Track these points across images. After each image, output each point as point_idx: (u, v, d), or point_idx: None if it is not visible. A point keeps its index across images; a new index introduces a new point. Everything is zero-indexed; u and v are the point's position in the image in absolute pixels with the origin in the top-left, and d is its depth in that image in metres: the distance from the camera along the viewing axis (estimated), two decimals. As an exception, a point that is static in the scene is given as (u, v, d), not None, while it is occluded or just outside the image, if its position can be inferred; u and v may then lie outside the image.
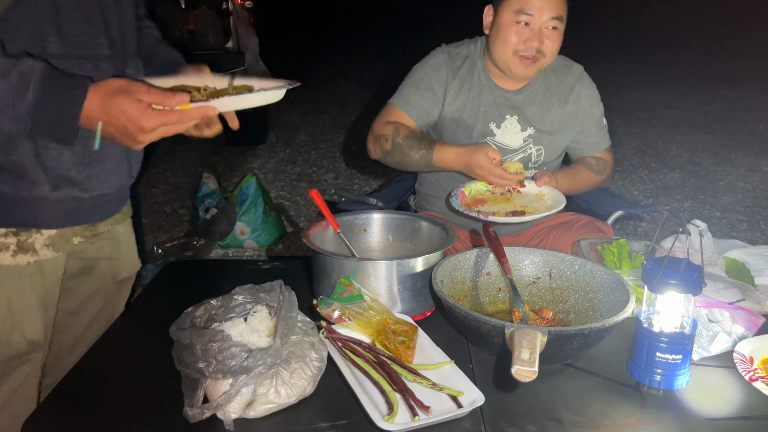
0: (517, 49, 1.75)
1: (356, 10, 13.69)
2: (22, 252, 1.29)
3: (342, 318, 1.23)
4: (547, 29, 1.75)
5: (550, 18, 1.73)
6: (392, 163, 1.84)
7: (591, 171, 1.93)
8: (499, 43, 1.78)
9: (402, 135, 1.78)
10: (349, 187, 4.60)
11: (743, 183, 4.54)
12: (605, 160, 1.98)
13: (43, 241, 1.32)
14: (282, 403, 1.05)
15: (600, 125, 1.96)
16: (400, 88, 1.91)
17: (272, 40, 7.35)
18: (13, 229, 1.27)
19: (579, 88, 1.91)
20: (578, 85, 1.92)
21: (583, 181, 1.92)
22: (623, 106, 6.52)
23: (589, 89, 1.94)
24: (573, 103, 1.91)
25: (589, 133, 1.94)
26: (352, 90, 7.38)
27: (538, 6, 1.72)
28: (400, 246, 1.57)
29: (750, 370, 1.15)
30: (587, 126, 1.93)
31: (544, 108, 1.88)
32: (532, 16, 1.72)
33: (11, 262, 1.28)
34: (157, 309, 1.42)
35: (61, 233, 1.34)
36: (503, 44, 1.77)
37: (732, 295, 1.33)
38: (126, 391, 1.13)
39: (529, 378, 0.96)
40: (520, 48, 1.75)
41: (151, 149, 5.08)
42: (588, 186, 1.95)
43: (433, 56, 1.90)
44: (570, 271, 1.39)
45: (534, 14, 1.72)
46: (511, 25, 1.75)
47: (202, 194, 3.67)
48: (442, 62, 1.87)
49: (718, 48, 9.68)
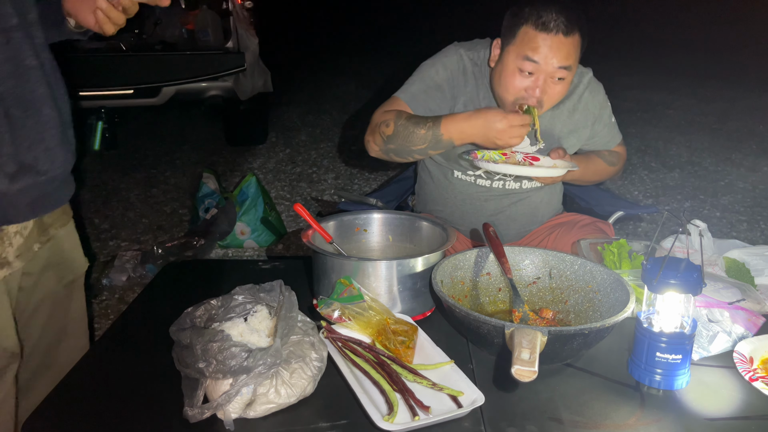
0: (516, 97, 1.66)
1: (356, 10, 13.68)
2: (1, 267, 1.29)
3: (342, 318, 1.23)
4: (553, 80, 1.63)
5: (557, 68, 1.60)
6: (394, 151, 1.71)
7: (604, 161, 1.90)
8: (501, 87, 1.68)
9: (404, 117, 1.69)
10: (349, 187, 4.60)
11: (743, 183, 4.54)
12: (618, 153, 1.96)
13: (13, 252, 1.31)
14: (282, 403, 1.05)
15: (610, 125, 1.93)
16: (407, 83, 1.80)
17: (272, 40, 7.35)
18: None
19: (588, 96, 1.84)
20: (587, 93, 1.83)
21: (596, 169, 1.89)
22: (623, 106, 6.51)
23: (598, 94, 1.86)
24: (582, 111, 1.83)
25: (600, 135, 1.92)
26: (352, 90, 7.37)
27: (545, 54, 1.58)
28: (400, 246, 1.57)
29: (750, 370, 1.15)
30: (598, 130, 1.90)
31: (554, 123, 1.81)
32: (538, 63, 1.60)
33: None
34: (157, 309, 1.42)
35: (26, 242, 1.34)
36: (505, 90, 1.67)
37: (732, 295, 1.33)
38: (126, 391, 1.13)
39: (529, 378, 0.96)
40: (519, 96, 1.65)
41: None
42: (600, 175, 1.92)
43: (446, 55, 1.80)
44: (570, 271, 1.39)
45: (540, 62, 1.59)
46: (514, 73, 1.63)
47: (202, 194, 3.67)
48: (456, 63, 1.78)
49: (718, 47, 9.68)
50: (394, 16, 12.84)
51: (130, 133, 5.69)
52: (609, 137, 1.94)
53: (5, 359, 1.34)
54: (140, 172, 4.89)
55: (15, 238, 1.31)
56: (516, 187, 1.86)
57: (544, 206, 1.95)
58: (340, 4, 13.97)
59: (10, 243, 1.30)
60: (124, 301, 3.08)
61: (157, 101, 4.82)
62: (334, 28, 12.43)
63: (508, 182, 1.85)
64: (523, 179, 1.84)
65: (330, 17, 13.45)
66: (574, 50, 1.62)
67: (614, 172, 1.95)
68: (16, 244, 1.31)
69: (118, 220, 4.07)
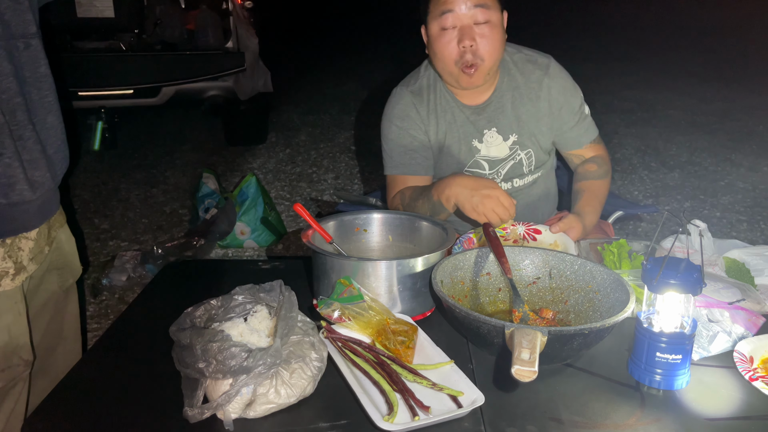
0: (456, 60, 1.65)
1: (356, 10, 13.68)
2: (18, 273, 1.30)
3: (342, 318, 1.23)
4: (478, 25, 1.63)
5: (473, 6, 1.61)
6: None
7: (599, 179, 1.83)
8: (438, 60, 1.70)
9: (407, 196, 1.75)
10: (349, 187, 4.60)
11: (743, 183, 4.54)
12: (601, 157, 1.87)
13: (27, 255, 1.32)
14: (282, 403, 1.05)
15: (581, 115, 1.84)
16: (386, 155, 1.84)
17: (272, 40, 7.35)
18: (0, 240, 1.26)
19: (548, 82, 1.78)
20: (547, 79, 1.78)
21: (601, 196, 1.81)
22: (623, 106, 6.52)
23: (561, 80, 1.80)
24: (545, 99, 1.79)
25: (569, 126, 1.83)
26: (352, 90, 7.37)
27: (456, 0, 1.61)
28: (400, 246, 1.57)
29: (750, 369, 1.15)
30: (566, 119, 1.82)
31: (518, 111, 1.79)
32: (453, 11, 1.61)
33: (12, 286, 1.28)
34: (157, 309, 1.42)
35: (37, 245, 1.35)
36: (441, 59, 1.68)
37: (732, 295, 1.33)
38: (126, 391, 1.13)
39: (529, 378, 0.96)
40: (456, 57, 1.65)
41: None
42: (606, 195, 1.85)
43: (395, 105, 1.82)
44: (570, 271, 1.39)
45: (454, 9, 1.61)
46: (439, 35, 1.65)
47: (202, 194, 3.67)
48: (409, 106, 1.80)
49: (718, 48, 9.68)
50: (394, 16, 12.85)
51: (130, 133, 5.70)
52: (582, 130, 1.85)
53: (22, 367, 1.35)
54: (140, 172, 4.90)
55: (26, 242, 1.32)
56: (508, 187, 1.87)
57: (541, 203, 1.96)
58: (340, 4, 13.97)
59: (20, 248, 1.30)
60: (124, 301, 3.08)
61: (157, 101, 4.83)
62: (334, 28, 12.43)
63: (498, 184, 1.85)
64: (514, 179, 1.86)
65: (330, 17, 13.45)
66: None
67: (610, 180, 1.88)
68: (27, 248, 1.32)
69: (117, 220, 4.07)
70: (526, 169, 1.86)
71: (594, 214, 1.75)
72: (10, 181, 1.22)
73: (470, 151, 1.82)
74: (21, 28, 1.22)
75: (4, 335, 1.29)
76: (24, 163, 1.23)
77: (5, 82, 1.19)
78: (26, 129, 1.23)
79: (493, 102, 1.79)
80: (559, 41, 7.21)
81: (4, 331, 1.29)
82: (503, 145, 1.82)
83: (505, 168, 1.84)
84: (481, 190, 1.54)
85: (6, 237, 1.26)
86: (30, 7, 1.24)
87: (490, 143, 1.81)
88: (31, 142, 1.24)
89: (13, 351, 1.32)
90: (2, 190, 1.21)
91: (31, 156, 1.25)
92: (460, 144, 1.81)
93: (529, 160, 1.85)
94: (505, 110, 1.79)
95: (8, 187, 1.22)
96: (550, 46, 1.96)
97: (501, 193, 1.53)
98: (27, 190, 1.25)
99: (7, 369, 1.31)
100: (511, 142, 1.81)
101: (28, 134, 1.23)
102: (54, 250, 1.45)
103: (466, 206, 1.56)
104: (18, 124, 1.21)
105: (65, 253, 1.51)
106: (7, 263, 1.27)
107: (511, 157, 1.83)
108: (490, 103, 1.79)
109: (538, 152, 1.85)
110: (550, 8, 13.26)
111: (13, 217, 1.26)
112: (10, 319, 1.30)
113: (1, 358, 1.29)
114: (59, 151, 1.35)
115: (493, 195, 1.52)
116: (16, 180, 1.22)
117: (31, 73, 1.26)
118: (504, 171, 1.84)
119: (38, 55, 1.26)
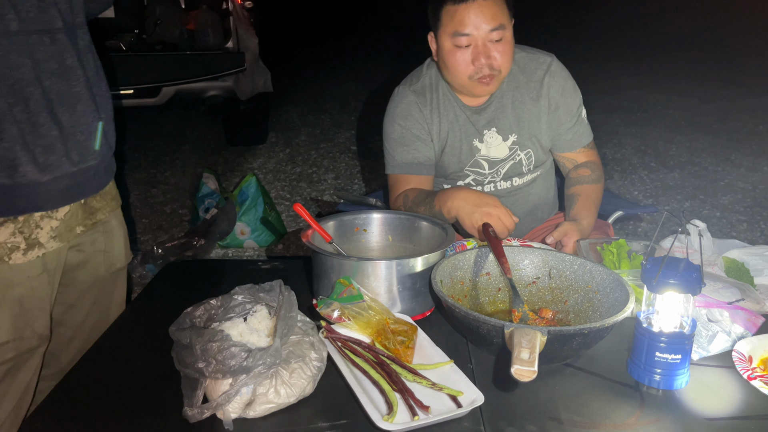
0: (469, 75, 1.66)
1: (356, 10, 13.68)
2: (31, 248, 1.34)
3: (342, 318, 1.23)
4: (492, 42, 1.63)
5: (489, 31, 1.61)
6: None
7: (593, 183, 1.82)
8: (450, 74, 1.70)
9: (410, 201, 1.75)
10: (349, 187, 4.60)
11: (743, 183, 4.54)
12: (594, 163, 1.86)
13: (48, 233, 1.37)
14: (282, 403, 1.05)
15: (578, 117, 1.83)
16: (388, 154, 1.84)
17: (272, 40, 7.36)
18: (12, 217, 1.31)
19: (549, 80, 1.79)
20: (548, 77, 1.79)
21: (596, 199, 1.81)
22: (623, 106, 6.52)
23: (561, 79, 1.81)
24: (545, 97, 1.79)
25: (566, 127, 1.82)
26: (352, 90, 7.37)
27: (473, 23, 1.60)
28: (399, 246, 1.57)
29: (749, 368, 1.15)
30: (563, 120, 1.82)
31: (519, 111, 1.79)
32: (470, 35, 1.61)
33: (23, 260, 1.33)
34: (157, 309, 1.43)
35: (66, 223, 1.40)
36: (454, 74, 1.68)
37: (731, 294, 1.33)
38: (126, 391, 1.13)
39: (529, 378, 0.96)
40: (471, 73, 1.66)
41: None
42: (600, 199, 1.84)
43: (398, 104, 1.81)
44: (570, 271, 1.39)
45: (471, 33, 1.61)
46: (453, 51, 1.65)
47: (202, 194, 3.67)
48: (412, 105, 1.79)
49: (717, 48, 9.67)
50: (394, 16, 12.84)
51: (130, 133, 5.70)
52: (577, 133, 1.84)
53: (35, 340, 1.39)
54: (140, 172, 4.90)
55: (48, 221, 1.37)
56: (507, 186, 1.87)
57: (541, 202, 1.96)
58: (340, 4, 13.97)
59: (38, 225, 1.35)
60: (124, 301, 3.08)
61: (157, 101, 4.82)
62: (334, 27, 12.43)
63: (498, 182, 1.86)
64: (514, 178, 1.86)
65: (330, 17, 13.45)
66: (499, 8, 1.62)
67: (603, 185, 1.87)
68: (48, 226, 1.37)
69: (118, 220, 4.07)
70: (525, 169, 1.86)
71: (590, 218, 1.74)
72: (14, 163, 1.28)
73: (471, 151, 1.82)
74: (45, 24, 1.29)
75: (15, 307, 1.34)
76: (32, 147, 1.29)
77: (17, 73, 1.26)
78: (40, 116, 1.29)
79: (493, 102, 1.79)
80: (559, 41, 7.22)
81: (15, 302, 1.34)
82: (503, 146, 1.82)
83: (504, 168, 1.84)
84: (482, 207, 1.53)
85: (15, 215, 1.32)
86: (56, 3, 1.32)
87: (490, 143, 1.81)
88: (44, 129, 1.30)
89: (26, 324, 1.36)
90: (6, 171, 1.28)
91: (45, 141, 1.31)
92: (461, 143, 1.82)
93: (529, 159, 1.85)
94: (505, 111, 1.80)
95: (11, 169, 1.28)
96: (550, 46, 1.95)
97: (502, 212, 1.52)
98: (33, 172, 1.30)
99: (18, 339, 1.35)
100: (510, 142, 1.82)
101: (42, 121, 1.30)
102: (101, 232, 1.53)
103: (466, 222, 1.56)
104: (30, 112, 1.28)
105: (114, 237, 1.57)
106: (17, 238, 1.32)
107: (510, 157, 1.84)
108: (491, 104, 1.79)
109: (538, 152, 1.85)
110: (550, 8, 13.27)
111: (19, 196, 1.31)
112: (21, 291, 1.35)
113: (12, 329, 1.34)
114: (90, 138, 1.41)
115: (494, 213, 1.52)
116: (19, 162, 1.28)
117: (59, 65, 1.32)
118: (503, 170, 1.85)
119: (65, 48, 1.33)
